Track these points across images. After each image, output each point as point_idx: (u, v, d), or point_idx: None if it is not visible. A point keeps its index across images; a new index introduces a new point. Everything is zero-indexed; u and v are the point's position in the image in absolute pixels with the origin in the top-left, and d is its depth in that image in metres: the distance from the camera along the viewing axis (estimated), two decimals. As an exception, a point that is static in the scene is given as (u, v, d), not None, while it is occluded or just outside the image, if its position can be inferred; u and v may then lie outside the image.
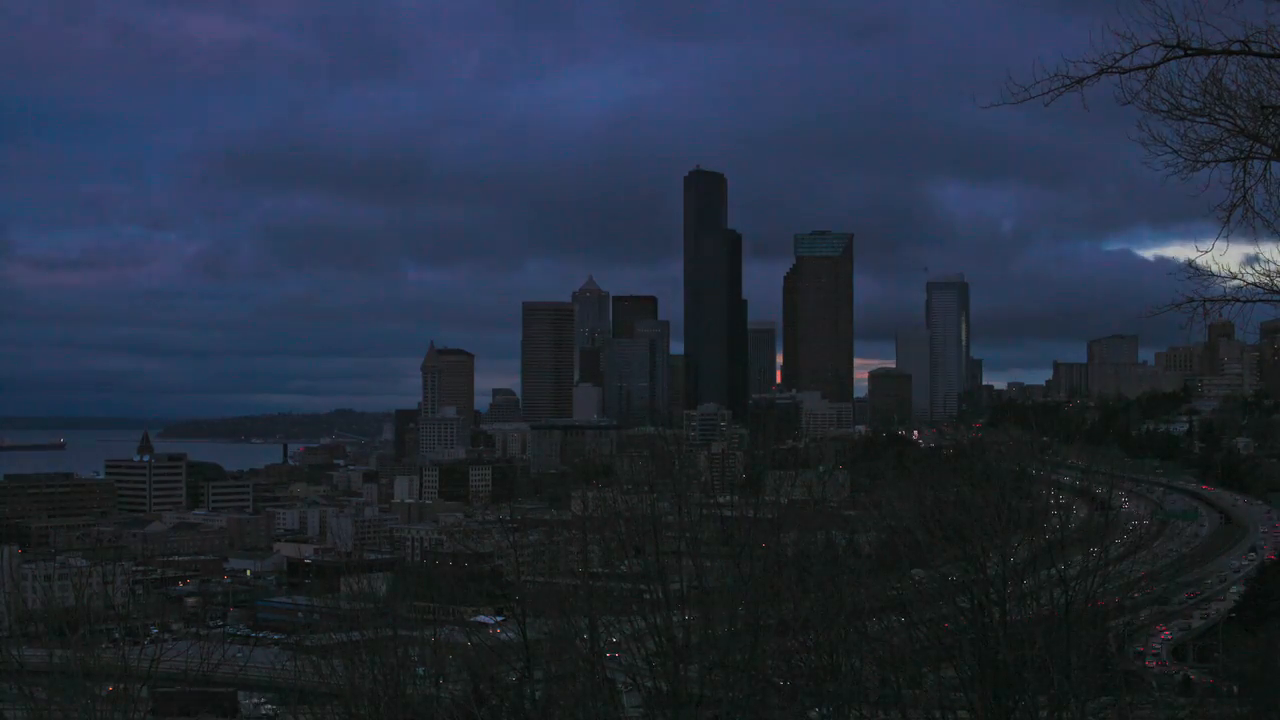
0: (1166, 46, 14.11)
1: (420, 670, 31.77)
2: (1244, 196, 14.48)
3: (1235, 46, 14.03)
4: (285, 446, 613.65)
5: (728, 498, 31.50)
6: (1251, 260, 15.08)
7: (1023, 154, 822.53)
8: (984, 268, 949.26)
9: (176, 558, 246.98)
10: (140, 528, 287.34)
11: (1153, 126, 14.59)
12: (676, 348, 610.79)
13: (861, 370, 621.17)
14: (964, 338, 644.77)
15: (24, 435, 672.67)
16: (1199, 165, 14.54)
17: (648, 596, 26.67)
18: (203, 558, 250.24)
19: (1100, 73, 14.36)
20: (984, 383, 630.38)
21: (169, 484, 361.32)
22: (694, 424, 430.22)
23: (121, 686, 26.23)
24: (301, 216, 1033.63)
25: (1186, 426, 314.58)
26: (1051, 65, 14.50)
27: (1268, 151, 14.34)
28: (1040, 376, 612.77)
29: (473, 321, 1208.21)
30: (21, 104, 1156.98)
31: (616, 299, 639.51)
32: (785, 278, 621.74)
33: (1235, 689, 65.42)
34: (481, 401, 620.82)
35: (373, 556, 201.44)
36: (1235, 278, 14.98)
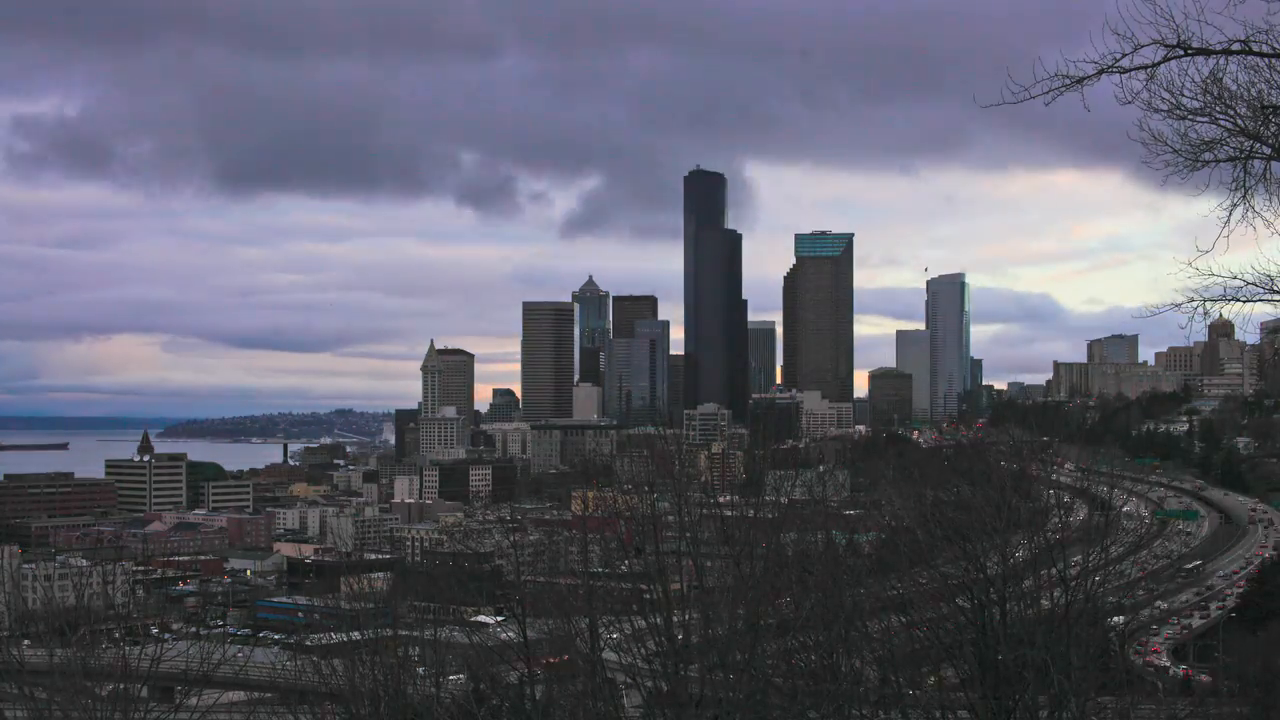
0: (1167, 46, 14.11)
1: (420, 670, 31.80)
2: (1244, 196, 14.49)
3: (1235, 46, 14.03)
4: (285, 446, 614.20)
5: (728, 498, 31.50)
6: (1251, 260, 15.10)
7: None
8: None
9: (176, 558, 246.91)
10: (140, 528, 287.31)
11: (1153, 126, 14.61)
12: (677, 348, 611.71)
13: (861, 370, 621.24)
14: (964, 338, 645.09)
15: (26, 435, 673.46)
16: (1199, 165, 14.55)
17: (648, 596, 26.66)
18: (203, 558, 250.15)
19: (1100, 72, 14.36)
20: (984, 383, 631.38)
21: (169, 484, 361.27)
22: (694, 424, 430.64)
23: (121, 686, 26.22)
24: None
25: (1186, 426, 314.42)
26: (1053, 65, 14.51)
27: (1268, 151, 14.34)
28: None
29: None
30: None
31: (616, 299, 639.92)
32: (785, 278, 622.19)
33: (1235, 689, 65.37)
34: (481, 402, 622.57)
35: (373, 556, 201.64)
36: (1235, 278, 14.99)
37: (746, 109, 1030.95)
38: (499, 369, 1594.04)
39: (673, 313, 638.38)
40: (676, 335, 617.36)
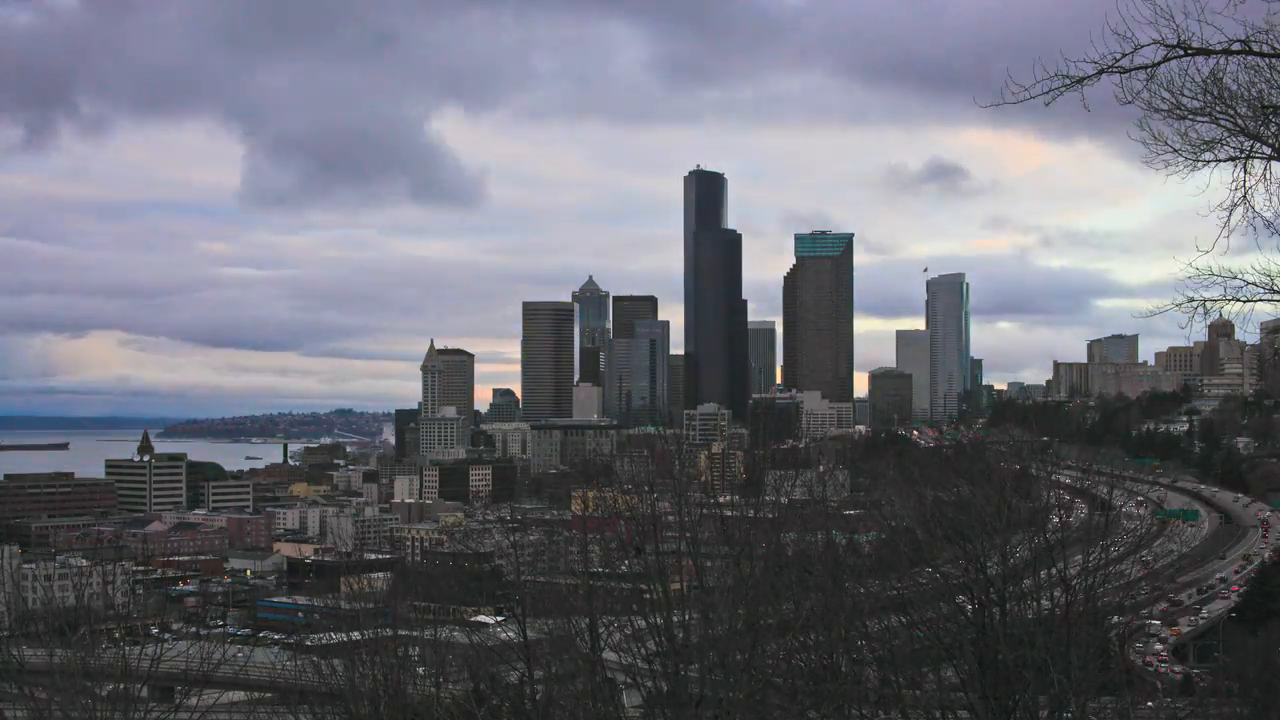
0: (1167, 46, 14.11)
1: (420, 670, 31.79)
2: (1244, 196, 14.49)
3: (1235, 46, 14.03)
4: (285, 446, 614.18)
5: (728, 498, 31.48)
6: (1251, 260, 15.09)
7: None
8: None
9: (176, 558, 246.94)
10: (140, 528, 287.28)
11: (1153, 126, 14.61)
12: (676, 348, 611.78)
13: (861, 370, 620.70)
14: (964, 338, 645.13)
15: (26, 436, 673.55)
16: (1199, 165, 14.56)
17: (648, 596, 26.65)
18: (203, 558, 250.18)
19: (1101, 72, 14.36)
20: (984, 383, 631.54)
21: (169, 484, 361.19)
22: (694, 424, 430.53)
23: (121, 686, 26.22)
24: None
25: (1186, 426, 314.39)
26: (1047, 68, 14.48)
27: (1268, 151, 14.34)
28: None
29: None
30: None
31: (616, 299, 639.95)
32: (785, 278, 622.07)
33: (1235, 689, 65.39)
34: (481, 402, 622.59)
35: (373, 556, 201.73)
36: (1235, 277, 14.98)
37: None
38: (499, 369, 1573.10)
39: (673, 313, 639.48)
40: (676, 335, 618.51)
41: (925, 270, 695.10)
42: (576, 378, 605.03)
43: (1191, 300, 15.10)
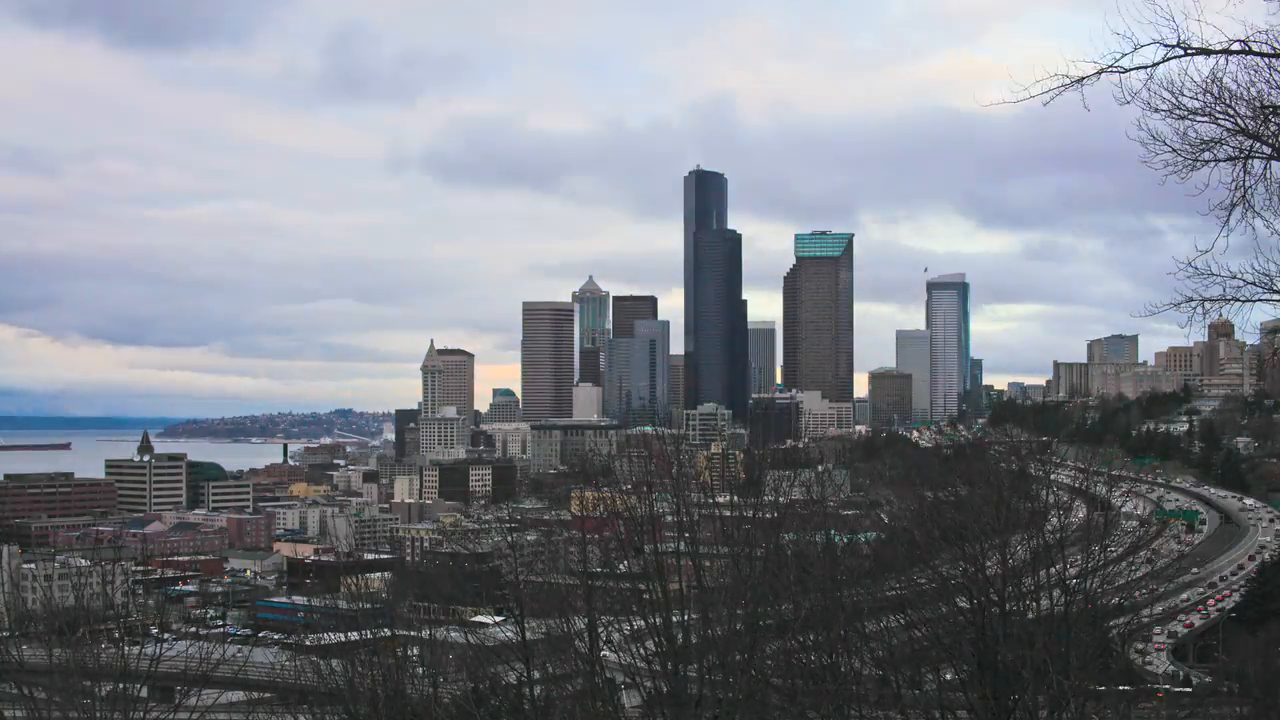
0: (1167, 46, 14.11)
1: (419, 670, 31.79)
2: (1244, 196, 14.47)
3: (1235, 46, 14.03)
4: (285, 446, 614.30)
5: (726, 498, 31.49)
6: (1251, 260, 15.08)
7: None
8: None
9: (176, 558, 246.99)
10: (140, 528, 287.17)
11: (1153, 126, 14.61)
12: (676, 348, 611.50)
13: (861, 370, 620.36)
14: (964, 338, 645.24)
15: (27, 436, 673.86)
16: (1199, 165, 14.54)
17: (648, 596, 26.65)
18: (203, 558, 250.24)
19: (1100, 72, 14.36)
20: (984, 383, 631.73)
21: (169, 484, 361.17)
22: (694, 424, 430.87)
23: (121, 686, 26.23)
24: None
25: (1186, 426, 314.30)
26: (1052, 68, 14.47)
27: (1268, 151, 14.33)
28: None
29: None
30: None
31: (616, 299, 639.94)
32: (785, 278, 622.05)
33: (1235, 689, 65.37)
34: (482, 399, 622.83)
35: (372, 557, 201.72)
36: (1235, 277, 14.96)
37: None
38: (499, 369, 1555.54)
39: (673, 313, 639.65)
40: (677, 335, 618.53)
41: (925, 270, 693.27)
42: (576, 378, 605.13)
43: (1191, 300, 15.10)
